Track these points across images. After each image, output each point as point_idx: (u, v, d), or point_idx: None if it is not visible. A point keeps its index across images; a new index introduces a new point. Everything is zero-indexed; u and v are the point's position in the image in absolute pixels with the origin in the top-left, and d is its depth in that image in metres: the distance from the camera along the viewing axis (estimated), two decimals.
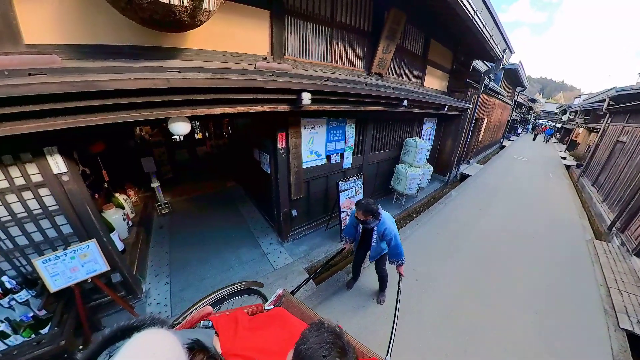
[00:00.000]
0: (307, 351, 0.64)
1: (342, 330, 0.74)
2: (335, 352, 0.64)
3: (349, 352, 0.67)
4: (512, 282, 3.68)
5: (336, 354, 0.64)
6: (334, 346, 0.65)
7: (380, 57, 3.73)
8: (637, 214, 4.82)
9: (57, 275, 1.98)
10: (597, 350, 2.76)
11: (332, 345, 0.66)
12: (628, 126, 7.21)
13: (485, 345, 2.65)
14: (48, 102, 1.42)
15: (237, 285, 1.79)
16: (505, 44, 5.65)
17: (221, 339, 0.92)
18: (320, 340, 0.66)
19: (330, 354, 0.64)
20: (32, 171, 1.87)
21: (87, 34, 1.64)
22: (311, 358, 0.63)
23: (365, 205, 2.27)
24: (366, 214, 2.27)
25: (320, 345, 0.65)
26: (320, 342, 0.66)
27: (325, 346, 0.65)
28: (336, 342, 0.67)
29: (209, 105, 2.07)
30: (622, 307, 3.29)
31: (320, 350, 0.64)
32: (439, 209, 5.93)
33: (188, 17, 1.50)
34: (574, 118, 20.77)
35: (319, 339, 0.67)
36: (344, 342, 0.69)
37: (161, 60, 1.89)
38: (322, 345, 0.65)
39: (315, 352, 0.64)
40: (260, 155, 4.02)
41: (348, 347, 0.68)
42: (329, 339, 0.67)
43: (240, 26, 2.32)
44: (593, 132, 13.36)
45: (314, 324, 0.73)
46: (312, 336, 0.67)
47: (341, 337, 0.69)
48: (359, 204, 2.30)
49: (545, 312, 3.16)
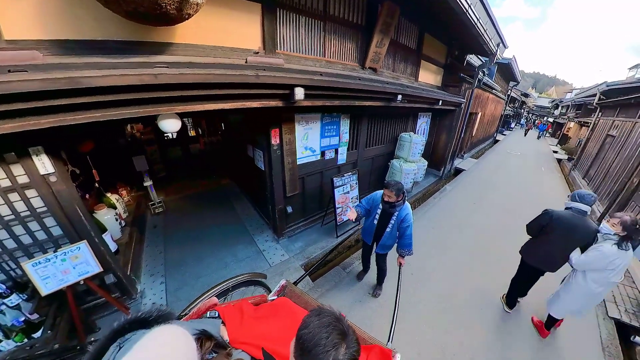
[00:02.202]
0: (308, 335, 0.66)
1: (344, 316, 0.76)
2: (335, 334, 0.66)
3: (349, 334, 0.68)
4: (506, 274, 3.73)
5: (336, 337, 0.65)
6: (334, 329, 0.67)
7: (374, 52, 3.70)
8: (625, 206, 4.93)
9: (48, 278, 1.94)
10: (587, 338, 2.84)
11: (332, 328, 0.67)
12: (618, 120, 7.35)
13: (481, 337, 2.71)
14: (30, 100, 1.36)
15: (242, 276, 1.86)
16: (499, 38, 5.66)
17: (228, 328, 0.96)
18: (321, 324, 0.67)
19: (330, 336, 0.65)
20: (18, 172, 1.81)
21: (69, 29, 1.58)
22: (312, 341, 0.64)
23: (397, 184, 2.24)
24: (399, 193, 2.24)
25: (320, 329, 0.66)
26: (320, 325, 0.67)
27: (325, 329, 0.66)
28: (336, 326, 0.68)
29: (199, 102, 2.03)
30: (611, 297, 3.38)
31: (321, 333, 0.65)
32: (434, 203, 5.98)
33: (175, 10, 1.46)
34: (565, 112, 21.04)
35: (320, 322, 0.68)
36: (344, 325, 0.70)
37: (148, 55, 1.84)
38: (322, 329, 0.66)
39: (315, 335, 0.65)
40: (254, 152, 3.98)
41: (348, 329, 0.69)
42: (329, 322, 0.68)
43: (230, 19, 2.27)
44: (584, 126, 13.58)
45: (315, 310, 0.75)
46: (313, 321, 0.69)
47: (341, 321, 0.70)
48: (391, 183, 2.26)
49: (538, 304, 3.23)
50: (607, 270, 2.16)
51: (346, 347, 0.65)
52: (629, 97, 6.60)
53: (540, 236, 2.56)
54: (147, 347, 0.54)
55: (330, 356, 0.62)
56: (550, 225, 2.42)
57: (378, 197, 2.50)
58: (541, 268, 2.64)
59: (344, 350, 0.64)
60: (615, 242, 2.09)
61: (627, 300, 3.33)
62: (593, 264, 2.21)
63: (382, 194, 2.41)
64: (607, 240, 2.15)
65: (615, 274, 2.17)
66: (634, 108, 6.52)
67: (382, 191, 2.40)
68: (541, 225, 2.50)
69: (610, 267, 2.14)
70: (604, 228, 2.21)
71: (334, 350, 0.63)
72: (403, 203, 2.37)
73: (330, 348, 0.63)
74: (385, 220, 2.51)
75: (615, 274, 2.17)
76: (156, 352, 0.54)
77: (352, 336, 0.69)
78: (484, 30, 4.59)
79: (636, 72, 10.84)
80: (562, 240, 2.38)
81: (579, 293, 2.39)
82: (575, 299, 2.44)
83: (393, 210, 2.38)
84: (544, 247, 2.53)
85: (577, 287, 2.39)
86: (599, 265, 2.18)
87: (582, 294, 2.38)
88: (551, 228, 2.42)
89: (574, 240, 2.35)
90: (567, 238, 2.36)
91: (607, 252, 2.10)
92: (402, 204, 2.36)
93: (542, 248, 2.55)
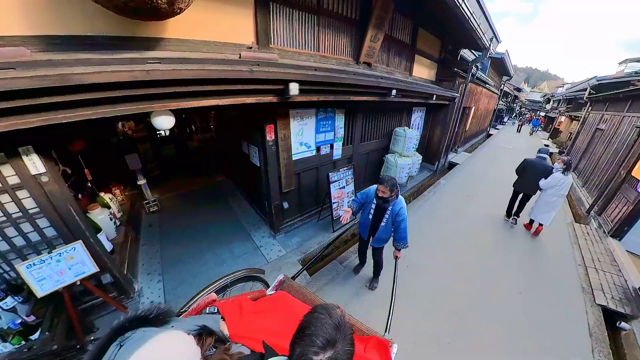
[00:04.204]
0: (307, 327, 0.70)
1: (342, 311, 0.79)
2: (331, 329, 0.70)
3: (340, 327, 0.72)
4: (498, 265, 3.84)
5: (332, 331, 0.69)
6: (329, 325, 0.70)
7: (369, 46, 3.68)
8: (613, 197, 5.08)
9: (44, 279, 1.91)
10: (575, 324, 2.96)
11: (328, 324, 0.71)
12: (607, 114, 7.50)
13: (474, 326, 2.79)
14: (19, 99, 1.33)
15: (240, 272, 1.86)
16: (492, 32, 5.68)
17: (228, 323, 0.98)
18: (317, 319, 0.72)
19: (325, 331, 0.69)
20: (8, 173, 1.77)
21: (57, 24, 1.53)
22: (309, 338, 0.68)
23: (391, 179, 2.27)
24: (393, 188, 2.26)
25: (317, 325, 0.70)
26: (316, 321, 0.71)
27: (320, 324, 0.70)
28: (331, 322, 0.71)
29: (192, 98, 2.00)
30: (598, 285, 3.51)
31: (318, 331, 0.69)
32: (428, 197, 6.06)
33: (166, 4, 1.43)
34: (557, 107, 21.33)
35: (313, 316, 0.73)
36: (339, 319, 0.73)
37: (140, 51, 1.80)
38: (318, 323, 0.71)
39: (313, 333, 0.69)
40: (249, 148, 3.96)
41: (342, 322, 0.73)
42: (324, 317, 0.72)
43: (223, 13, 2.23)
44: (575, 120, 13.81)
45: (313, 308, 0.78)
46: (310, 320, 0.73)
47: (333, 316, 0.73)
48: (385, 178, 2.28)
49: (529, 292, 3.34)
50: (558, 187, 3.98)
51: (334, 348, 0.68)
52: (618, 91, 6.74)
53: (522, 174, 4.52)
54: (149, 349, 0.55)
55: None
56: (526, 167, 4.44)
57: (372, 192, 2.52)
58: (524, 192, 4.63)
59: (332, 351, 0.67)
60: (562, 171, 3.93)
61: (614, 288, 3.45)
62: (550, 183, 4.02)
63: (376, 189, 2.43)
64: (557, 171, 3.99)
65: (563, 189, 3.98)
66: (622, 102, 6.66)
67: (376, 186, 2.43)
68: (523, 167, 4.50)
69: (559, 185, 3.96)
70: (555, 166, 4.07)
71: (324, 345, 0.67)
72: (396, 198, 2.40)
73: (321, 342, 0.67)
74: (380, 215, 2.54)
75: (563, 189, 3.98)
76: (157, 353, 0.56)
77: (346, 329, 0.72)
78: (477, 24, 4.61)
79: (625, 67, 11.05)
80: (533, 174, 4.28)
81: (544, 202, 4.24)
82: (542, 206, 4.29)
83: (387, 205, 2.42)
84: (524, 180, 4.48)
85: (543, 199, 4.25)
86: (553, 184, 3.99)
87: (545, 202, 4.22)
88: (527, 168, 4.42)
89: (540, 174, 4.19)
90: (535, 173, 4.25)
91: (558, 177, 3.95)
92: (395, 198, 2.38)
93: (523, 180, 4.50)
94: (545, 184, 4.05)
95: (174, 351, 0.59)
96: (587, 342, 2.74)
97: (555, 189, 3.98)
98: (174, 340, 0.61)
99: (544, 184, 4.07)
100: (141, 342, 0.56)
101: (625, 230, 4.51)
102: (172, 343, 0.60)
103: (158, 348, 0.57)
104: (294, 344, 0.70)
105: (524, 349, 2.60)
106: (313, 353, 0.65)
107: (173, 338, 0.61)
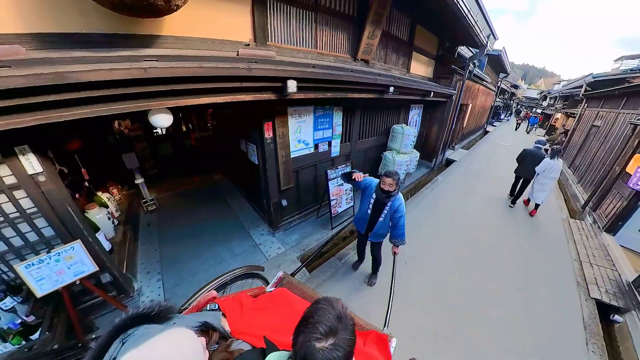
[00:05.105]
0: (310, 316, 0.72)
1: (343, 304, 0.81)
2: (333, 318, 0.71)
3: (342, 318, 0.73)
4: (495, 260, 3.89)
5: (334, 320, 0.71)
6: (331, 315, 0.72)
7: (366, 43, 3.67)
8: (607, 193, 5.15)
9: (43, 279, 1.91)
10: (570, 317, 3.01)
11: (330, 314, 0.72)
12: (602, 111, 7.56)
13: (472, 321, 2.83)
14: (14, 97, 1.32)
15: (240, 269, 1.87)
16: (490, 29, 5.69)
17: (229, 320, 0.99)
18: (319, 309, 0.74)
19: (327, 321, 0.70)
20: (5, 173, 1.75)
21: (52, 22, 1.52)
22: (313, 327, 0.69)
23: (397, 173, 2.31)
24: (398, 182, 2.31)
25: (320, 314, 0.72)
26: (318, 311, 0.73)
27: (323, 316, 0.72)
28: (333, 312, 0.73)
29: (190, 96, 1.99)
30: (593, 279, 3.57)
31: (321, 319, 0.71)
32: (426, 193, 6.10)
33: (163, 0, 1.42)
34: (553, 104, 21.40)
35: (316, 307, 0.75)
36: (341, 310, 0.75)
37: (136, 49, 1.79)
38: (321, 312, 0.72)
39: (315, 321, 0.70)
40: (247, 146, 3.95)
41: (343, 313, 0.75)
42: (326, 307, 0.74)
43: (220, 10, 2.21)
44: (571, 117, 13.90)
45: (316, 300, 0.80)
46: (313, 310, 0.75)
47: (335, 307, 0.75)
48: (392, 172, 2.31)
49: (525, 287, 3.39)
50: (548, 170, 4.79)
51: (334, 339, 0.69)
52: (613, 88, 6.79)
53: (521, 162, 5.38)
54: (153, 346, 0.55)
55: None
56: (525, 156, 5.29)
57: (374, 185, 2.52)
58: (524, 176, 5.43)
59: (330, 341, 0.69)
60: (550, 157, 4.79)
61: (608, 282, 3.52)
62: (542, 167, 4.83)
63: (377, 183, 2.44)
64: (547, 157, 4.86)
65: (553, 172, 4.79)
66: (617, 99, 6.72)
67: (378, 180, 2.44)
68: (522, 155, 5.37)
69: (549, 168, 4.77)
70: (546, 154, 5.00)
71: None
72: (397, 194, 2.42)
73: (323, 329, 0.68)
74: (378, 210, 2.55)
75: (553, 172, 4.79)
76: (160, 350, 0.56)
77: (347, 321, 0.74)
78: (475, 21, 4.61)
79: (621, 64, 11.13)
80: (531, 161, 5.09)
81: (538, 183, 5.07)
82: (537, 187, 5.11)
83: (387, 200, 2.42)
84: (524, 166, 5.30)
85: (537, 181, 5.08)
86: (544, 167, 4.80)
87: (539, 183, 5.05)
88: (526, 157, 5.26)
89: (536, 161, 4.98)
90: (532, 160, 5.07)
91: (547, 161, 4.79)
92: (396, 194, 2.40)
93: (523, 167, 5.33)
94: (539, 169, 4.90)
95: (177, 347, 0.59)
96: (582, 335, 2.80)
97: (547, 172, 4.81)
98: (176, 337, 0.61)
99: (538, 168, 4.91)
100: (144, 338, 0.56)
101: (620, 225, 4.58)
102: (175, 339, 0.61)
103: (161, 344, 0.57)
104: (298, 332, 0.71)
105: (520, 342, 2.65)
106: (316, 339, 0.67)
107: (176, 334, 0.62)
